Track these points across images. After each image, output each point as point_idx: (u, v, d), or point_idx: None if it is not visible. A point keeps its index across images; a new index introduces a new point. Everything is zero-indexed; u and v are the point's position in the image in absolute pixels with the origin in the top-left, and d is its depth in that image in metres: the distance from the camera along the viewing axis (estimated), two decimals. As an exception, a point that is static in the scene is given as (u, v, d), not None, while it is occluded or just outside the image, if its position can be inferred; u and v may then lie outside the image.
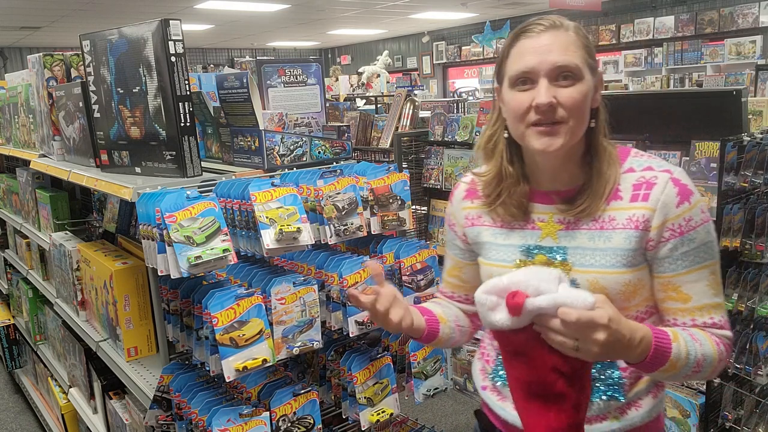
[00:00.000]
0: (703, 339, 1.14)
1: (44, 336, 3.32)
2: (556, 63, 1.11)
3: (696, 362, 1.11)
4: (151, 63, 1.71)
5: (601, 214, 1.17)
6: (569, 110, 1.11)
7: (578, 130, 1.14)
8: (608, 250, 1.15)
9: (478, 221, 1.32)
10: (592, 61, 1.16)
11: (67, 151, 2.42)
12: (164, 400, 1.74)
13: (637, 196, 1.14)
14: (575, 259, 1.17)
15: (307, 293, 1.67)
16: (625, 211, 1.15)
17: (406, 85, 9.05)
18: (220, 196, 1.69)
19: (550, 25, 1.14)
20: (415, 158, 3.89)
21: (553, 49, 1.12)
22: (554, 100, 1.11)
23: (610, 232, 1.15)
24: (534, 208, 1.24)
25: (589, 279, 1.16)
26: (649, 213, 1.13)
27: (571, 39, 1.13)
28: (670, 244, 1.13)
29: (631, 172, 1.17)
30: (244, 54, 15.71)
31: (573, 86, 1.12)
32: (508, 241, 1.26)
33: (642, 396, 1.23)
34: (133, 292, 1.94)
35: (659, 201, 1.12)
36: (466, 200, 1.35)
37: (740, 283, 2.28)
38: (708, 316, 1.16)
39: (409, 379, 1.94)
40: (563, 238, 1.19)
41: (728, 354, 1.18)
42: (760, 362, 2.31)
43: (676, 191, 1.12)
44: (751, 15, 8.98)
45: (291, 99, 2.01)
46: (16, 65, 13.11)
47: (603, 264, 1.15)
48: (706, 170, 2.29)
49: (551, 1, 7.90)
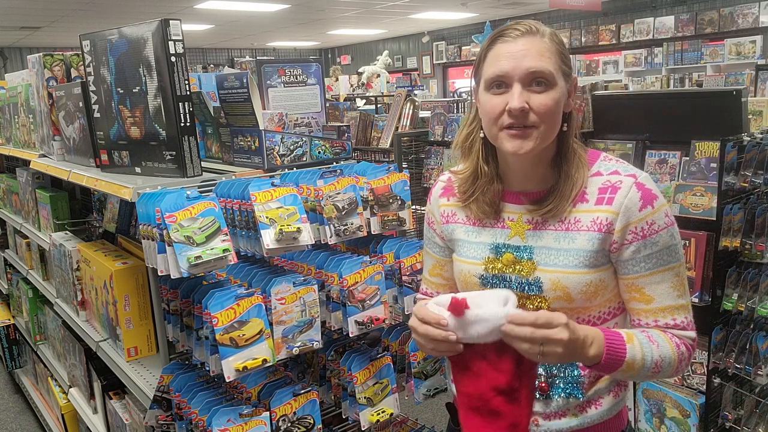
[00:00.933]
0: (661, 340, 1.17)
1: (44, 336, 3.32)
2: (529, 68, 1.13)
3: (654, 363, 1.15)
4: (151, 63, 1.71)
5: (567, 216, 1.20)
6: (541, 116, 1.14)
7: (549, 134, 1.18)
8: (572, 251, 1.19)
9: (452, 218, 1.36)
10: (566, 67, 1.19)
11: (67, 151, 2.42)
12: (164, 400, 1.74)
13: (602, 199, 1.18)
14: (540, 259, 1.21)
15: (307, 293, 1.67)
16: (589, 213, 1.19)
17: (406, 85, 9.06)
18: (220, 196, 1.69)
19: (526, 30, 1.16)
20: (415, 158, 3.89)
21: (527, 55, 1.14)
22: (526, 106, 1.14)
23: (574, 234, 1.19)
24: (505, 208, 1.28)
25: (552, 278, 1.20)
26: (613, 216, 1.16)
27: (546, 45, 1.16)
28: (633, 246, 1.17)
29: (598, 176, 1.21)
30: (244, 54, 15.71)
31: (545, 92, 1.14)
32: (479, 238, 1.30)
33: (602, 395, 1.26)
34: (133, 292, 1.94)
35: (622, 205, 1.16)
36: (442, 198, 1.39)
37: (740, 283, 2.28)
38: (670, 317, 1.20)
39: (409, 379, 1.94)
40: (530, 238, 1.23)
41: (690, 354, 1.22)
42: (760, 362, 2.31)
43: (639, 195, 1.16)
44: (751, 15, 8.98)
45: (291, 99, 2.01)
46: (16, 65, 13.11)
47: (566, 264, 1.19)
48: (706, 170, 2.29)
49: (551, 1, 7.90)
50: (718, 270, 2.28)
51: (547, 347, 1.04)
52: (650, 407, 2.52)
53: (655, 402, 2.50)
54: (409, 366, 1.93)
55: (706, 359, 2.34)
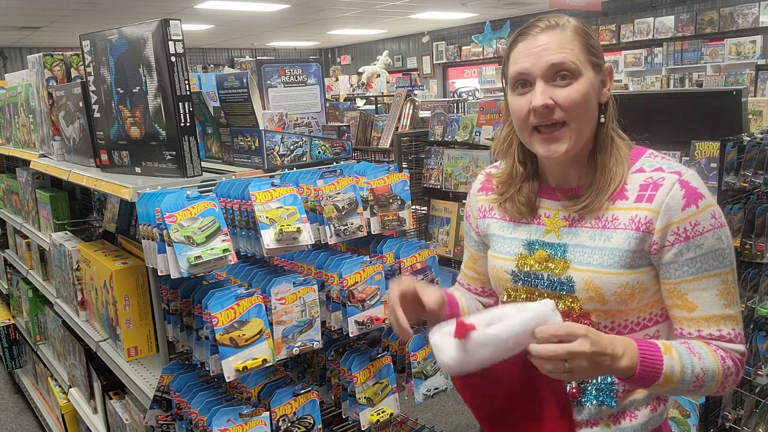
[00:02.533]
0: (703, 352, 1.09)
1: (44, 336, 3.32)
2: (550, 62, 1.10)
3: (695, 376, 1.07)
4: (151, 63, 1.71)
5: (604, 213, 1.15)
6: (567, 110, 1.10)
7: (583, 130, 1.13)
8: (607, 250, 1.13)
9: (489, 213, 1.34)
10: (595, 57, 1.14)
11: (67, 151, 2.42)
12: (164, 400, 1.74)
13: (642, 196, 1.12)
14: (574, 257, 1.17)
15: (307, 293, 1.67)
16: (628, 211, 1.13)
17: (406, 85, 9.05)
18: (220, 196, 1.69)
19: (546, 26, 1.13)
20: (415, 158, 3.89)
21: (547, 49, 1.11)
22: (551, 102, 1.10)
23: (611, 232, 1.14)
24: (541, 204, 1.25)
25: (585, 278, 1.15)
26: (652, 215, 1.10)
27: (568, 37, 1.12)
28: (675, 248, 1.10)
29: (641, 173, 1.15)
30: (244, 54, 15.71)
31: (570, 86, 1.10)
32: (513, 234, 1.27)
33: (639, 406, 1.20)
34: (133, 292, 1.94)
35: (663, 203, 1.09)
36: (480, 192, 1.37)
37: (740, 283, 2.28)
38: (715, 328, 1.11)
39: (409, 379, 1.94)
40: (565, 235, 1.19)
41: (738, 369, 1.12)
42: (760, 362, 2.31)
43: (682, 194, 1.09)
44: (751, 15, 8.98)
45: (291, 99, 2.01)
46: (16, 65, 13.11)
47: (600, 263, 1.13)
48: (706, 170, 2.29)
49: (551, 1, 7.90)
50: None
51: (571, 363, 0.98)
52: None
53: (655, 402, 2.50)
54: (409, 366, 1.92)
55: (706, 359, 2.34)
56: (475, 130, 3.55)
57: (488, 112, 3.52)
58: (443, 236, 3.81)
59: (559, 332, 0.98)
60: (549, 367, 0.99)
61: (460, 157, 3.60)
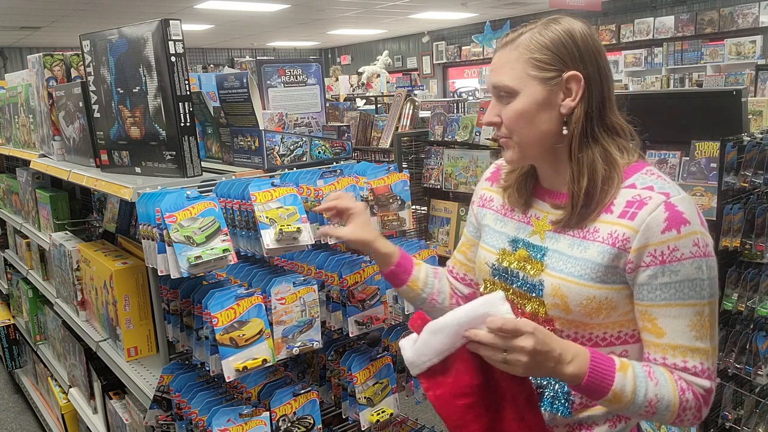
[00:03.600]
0: (662, 379, 1.07)
1: (44, 336, 3.32)
2: (491, 83, 1.19)
3: (647, 401, 1.05)
4: (151, 63, 1.71)
5: (587, 224, 1.15)
6: (507, 127, 1.17)
7: (527, 143, 1.17)
8: (581, 260, 1.13)
9: (488, 204, 1.37)
10: (544, 72, 1.12)
11: (67, 151, 2.42)
12: (164, 400, 1.74)
13: (626, 213, 1.09)
14: (550, 262, 1.17)
15: (307, 293, 1.67)
16: (609, 225, 1.11)
17: (406, 85, 9.05)
18: (220, 196, 1.69)
19: (504, 42, 1.19)
20: (415, 158, 3.89)
21: (494, 69, 1.19)
22: (496, 119, 1.19)
23: (589, 243, 1.13)
24: (535, 203, 1.27)
25: (554, 284, 1.15)
26: (631, 233, 1.07)
27: (513, 55, 1.15)
28: (650, 270, 1.07)
29: (631, 188, 1.12)
30: (244, 54, 15.71)
31: (509, 104, 1.16)
32: (503, 229, 1.30)
33: (598, 422, 1.18)
34: (133, 292, 1.94)
35: (644, 222, 1.06)
36: (488, 181, 1.41)
37: (740, 283, 2.28)
38: (680, 359, 1.08)
39: (409, 379, 1.94)
40: (549, 239, 1.20)
41: (699, 405, 1.08)
42: (760, 362, 2.31)
43: (665, 216, 1.05)
44: (751, 15, 8.98)
45: (291, 99, 2.01)
46: (16, 65, 13.11)
47: (572, 272, 1.13)
48: (706, 170, 2.29)
49: (551, 1, 7.90)
50: (718, 270, 2.27)
51: (510, 355, 1.00)
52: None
53: (655, 402, 2.50)
54: (409, 366, 1.92)
55: (706, 359, 2.34)
56: (475, 130, 3.55)
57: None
58: (443, 236, 3.81)
59: (506, 326, 1.00)
60: (488, 353, 1.03)
61: (460, 157, 3.60)
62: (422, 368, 1.09)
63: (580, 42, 1.13)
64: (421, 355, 1.08)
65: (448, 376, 1.08)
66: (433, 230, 3.88)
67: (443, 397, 1.09)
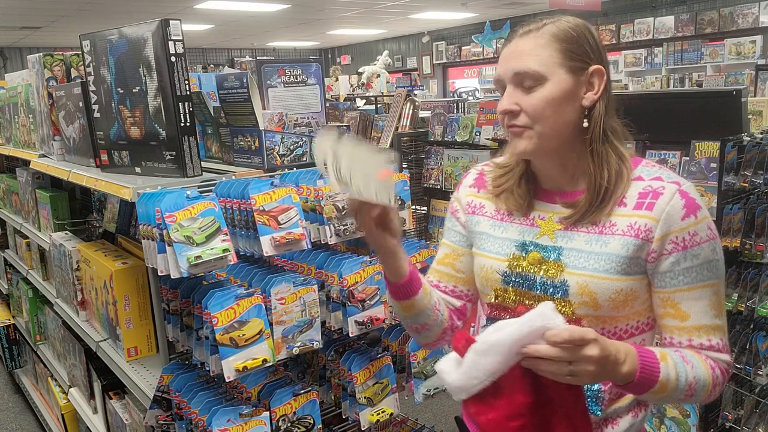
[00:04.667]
0: (695, 361, 1.11)
1: (44, 336, 3.32)
2: (513, 69, 1.13)
3: (688, 385, 1.08)
4: (151, 63, 1.71)
5: (602, 219, 1.15)
6: (531, 116, 1.12)
7: (549, 134, 1.13)
8: (603, 255, 1.13)
9: (479, 210, 1.31)
10: (576, 61, 1.13)
11: (67, 151, 2.42)
12: (164, 400, 1.74)
13: (641, 204, 1.12)
14: (569, 261, 1.16)
15: (307, 293, 1.67)
16: (626, 218, 1.13)
17: (406, 85, 9.04)
18: (220, 196, 1.69)
19: (524, 31, 1.15)
20: (415, 158, 3.89)
21: (515, 56, 1.13)
22: (515, 107, 1.13)
23: (608, 237, 1.13)
24: (536, 205, 1.24)
25: (580, 282, 1.14)
26: (652, 223, 1.10)
27: (540, 42, 1.12)
28: (673, 257, 1.10)
29: (639, 181, 1.15)
30: (244, 54, 15.71)
31: (534, 91, 1.12)
32: (505, 234, 1.25)
33: (621, 414, 1.19)
34: (133, 292, 1.94)
35: (664, 212, 1.10)
36: (472, 188, 1.35)
37: (740, 283, 2.28)
38: (705, 338, 1.13)
39: (409, 379, 1.94)
40: (560, 238, 1.18)
41: (725, 379, 1.14)
42: (760, 362, 2.31)
43: (682, 203, 1.10)
44: (751, 15, 8.98)
45: (291, 99, 2.01)
46: (16, 65, 13.11)
47: (596, 268, 1.13)
48: (706, 170, 2.29)
49: (551, 2, 7.90)
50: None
51: (577, 366, 0.97)
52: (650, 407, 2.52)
53: (655, 402, 2.50)
54: (409, 366, 1.92)
55: (706, 359, 2.34)
56: (475, 130, 3.55)
57: (488, 112, 3.52)
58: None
59: (574, 337, 0.95)
60: (552, 368, 0.97)
61: (460, 157, 3.60)
62: (472, 392, 1.01)
63: (597, 39, 1.17)
64: (472, 378, 0.99)
65: (501, 397, 1.02)
66: (433, 230, 3.88)
67: (496, 420, 1.03)
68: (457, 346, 1.00)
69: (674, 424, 2.45)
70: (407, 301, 1.28)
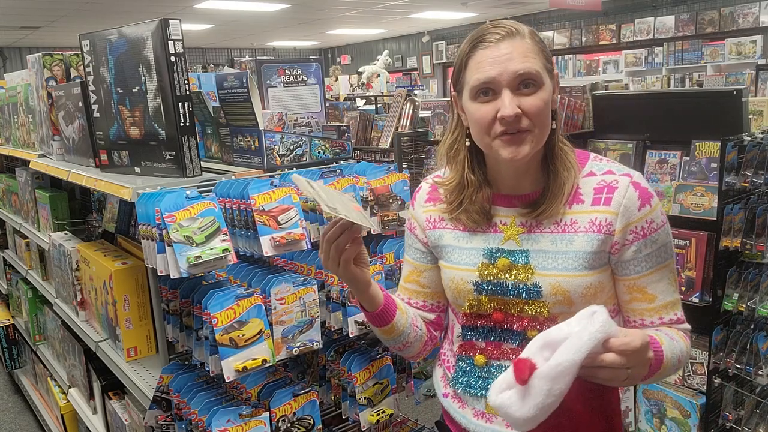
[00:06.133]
0: (676, 336, 1.18)
1: (44, 336, 3.31)
2: (517, 71, 1.10)
3: (677, 359, 1.15)
4: (150, 63, 1.71)
5: (562, 218, 1.18)
6: (534, 118, 1.12)
7: (543, 136, 1.16)
8: (570, 253, 1.16)
9: (440, 224, 1.30)
10: (549, 64, 1.17)
11: (66, 151, 2.42)
12: (164, 400, 1.74)
13: (599, 199, 1.16)
14: (537, 263, 1.18)
15: (307, 293, 1.67)
16: (587, 214, 1.17)
17: (406, 85, 9.04)
18: (219, 196, 1.69)
19: (506, 33, 1.13)
20: (415, 158, 3.89)
21: (512, 58, 1.11)
22: (519, 111, 1.10)
23: (572, 235, 1.16)
24: (496, 212, 1.24)
25: (552, 282, 1.16)
26: (612, 217, 1.15)
27: (529, 45, 1.13)
28: (635, 246, 1.16)
29: (592, 176, 1.19)
30: (244, 54, 15.71)
31: (535, 94, 1.12)
32: (470, 244, 1.25)
33: None
34: (132, 292, 1.94)
35: (621, 205, 1.14)
36: (428, 203, 1.33)
37: (740, 283, 2.28)
38: (672, 313, 1.20)
39: (409, 379, 1.94)
40: (525, 242, 1.20)
41: (689, 344, 1.23)
42: (760, 362, 2.31)
43: (637, 195, 1.15)
44: (752, 15, 8.98)
45: (291, 99, 2.00)
46: (16, 65, 13.10)
47: (565, 267, 1.16)
48: (707, 170, 2.29)
49: (551, 1, 7.90)
50: (718, 270, 2.27)
51: (635, 369, 0.98)
52: (650, 407, 2.52)
53: (655, 402, 2.50)
54: (409, 366, 1.92)
55: (706, 359, 2.34)
56: (475, 130, 3.54)
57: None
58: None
59: (643, 344, 0.97)
60: (610, 375, 0.97)
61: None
62: (543, 419, 0.96)
63: None
64: (546, 406, 0.93)
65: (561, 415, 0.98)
66: (433, 230, 3.87)
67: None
68: (522, 378, 0.94)
69: (674, 425, 2.44)
70: (387, 326, 1.31)
